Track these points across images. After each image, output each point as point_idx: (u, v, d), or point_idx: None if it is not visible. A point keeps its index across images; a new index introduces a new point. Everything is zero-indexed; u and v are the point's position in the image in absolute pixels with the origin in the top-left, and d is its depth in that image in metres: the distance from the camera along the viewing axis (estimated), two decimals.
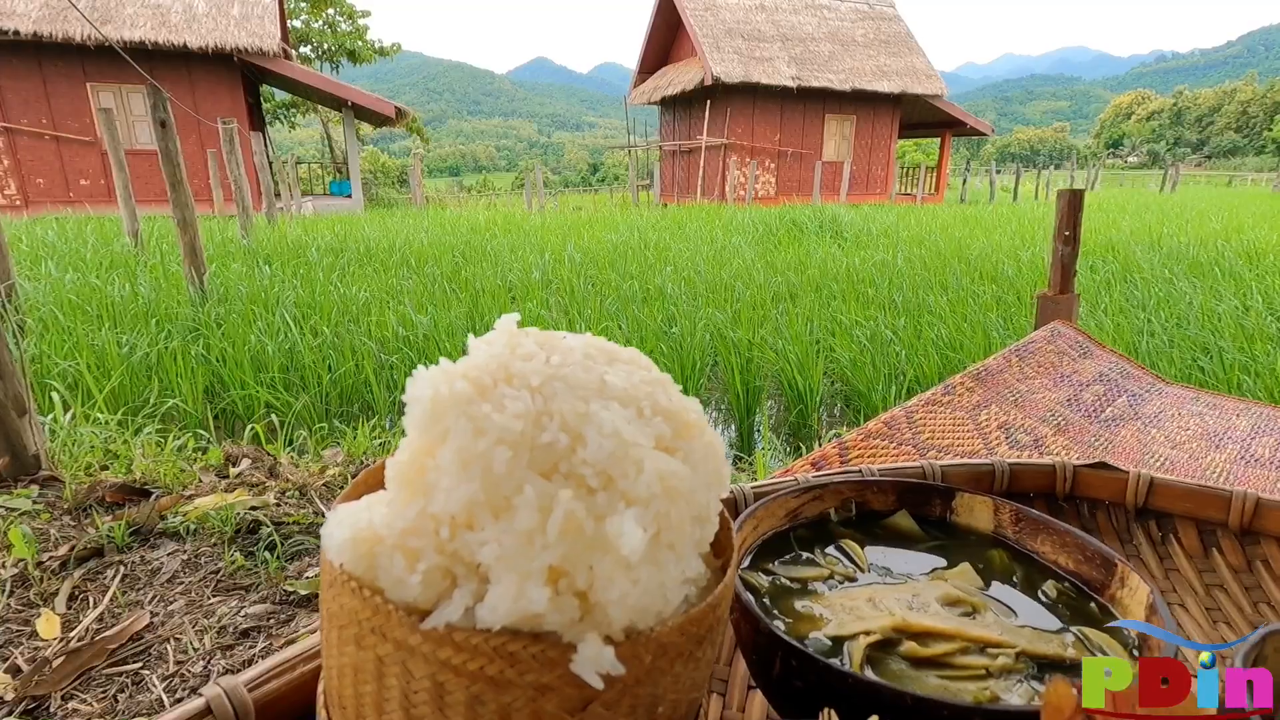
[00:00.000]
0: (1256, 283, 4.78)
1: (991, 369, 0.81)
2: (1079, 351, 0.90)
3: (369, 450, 2.08)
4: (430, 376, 0.27)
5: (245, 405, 2.98)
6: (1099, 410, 0.78)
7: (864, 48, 18.69)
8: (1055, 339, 0.90)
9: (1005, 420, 0.71)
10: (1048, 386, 0.81)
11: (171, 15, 12.96)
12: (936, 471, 0.46)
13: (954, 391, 0.74)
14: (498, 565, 0.22)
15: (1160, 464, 0.68)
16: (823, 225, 8.40)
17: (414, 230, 8.20)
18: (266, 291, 4.27)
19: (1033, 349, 0.88)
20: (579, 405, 0.23)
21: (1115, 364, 0.90)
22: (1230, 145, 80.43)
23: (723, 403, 3.52)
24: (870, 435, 0.63)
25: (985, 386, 0.77)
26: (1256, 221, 9.24)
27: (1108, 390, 0.83)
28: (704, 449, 0.25)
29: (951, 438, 0.66)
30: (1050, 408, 0.76)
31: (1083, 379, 0.84)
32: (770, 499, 0.39)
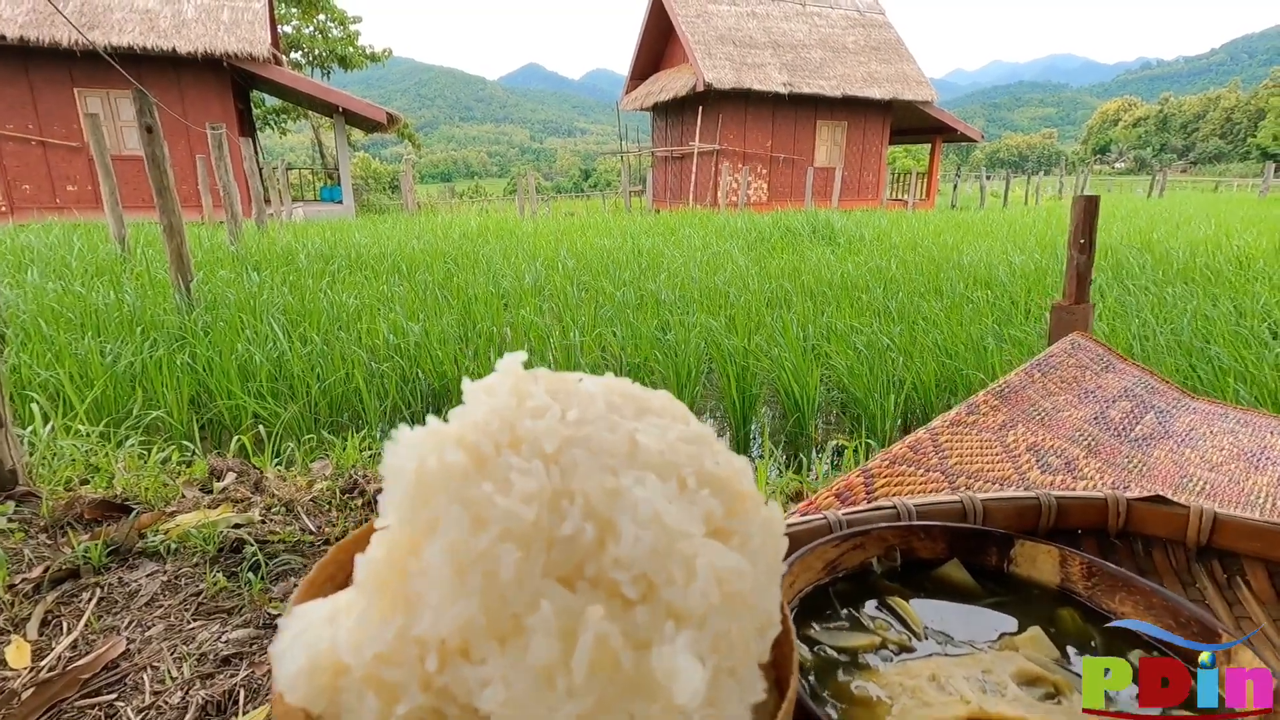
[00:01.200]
0: (1247, 288, 4.79)
1: (1014, 385, 0.77)
2: (1101, 365, 0.86)
3: (358, 463, 2.03)
4: (414, 441, 0.20)
5: (232, 415, 2.91)
6: (1128, 428, 0.75)
7: (855, 54, 18.78)
8: (1075, 352, 0.87)
9: (1034, 441, 0.67)
10: (1073, 403, 0.77)
11: (160, 20, 12.87)
12: (977, 507, 0.42)
13: (978, 411, 0.71)
14: (506, 718, 0.16)
15: (1200, 488, 0.64)
16: (816, 231, 8.39)
17: (405, 236, 8.14)
18: (255, 299, 4.21)
19: (1054, 363, 0.84)
20: (607, 480, 0.17)
21: (1139, 378, 0.87)
22: (1215, 151, 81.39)
23: (718, 410, 3.48)
24: (895, 461, 0.59)
25: (1009, 405, 0.74)
26: (1244, 227, 9.31)
27: (1135, 407, 0.79)
28: (763, 528, 0.20)
29: (981, 462, 0.62)
30: (1078, 426, 0.72)
31: (1108, 395, 0.81)
32: (807, 551, 0.35)
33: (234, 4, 13.64)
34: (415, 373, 3.29)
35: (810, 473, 2.62)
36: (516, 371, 0.20)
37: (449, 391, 3.25)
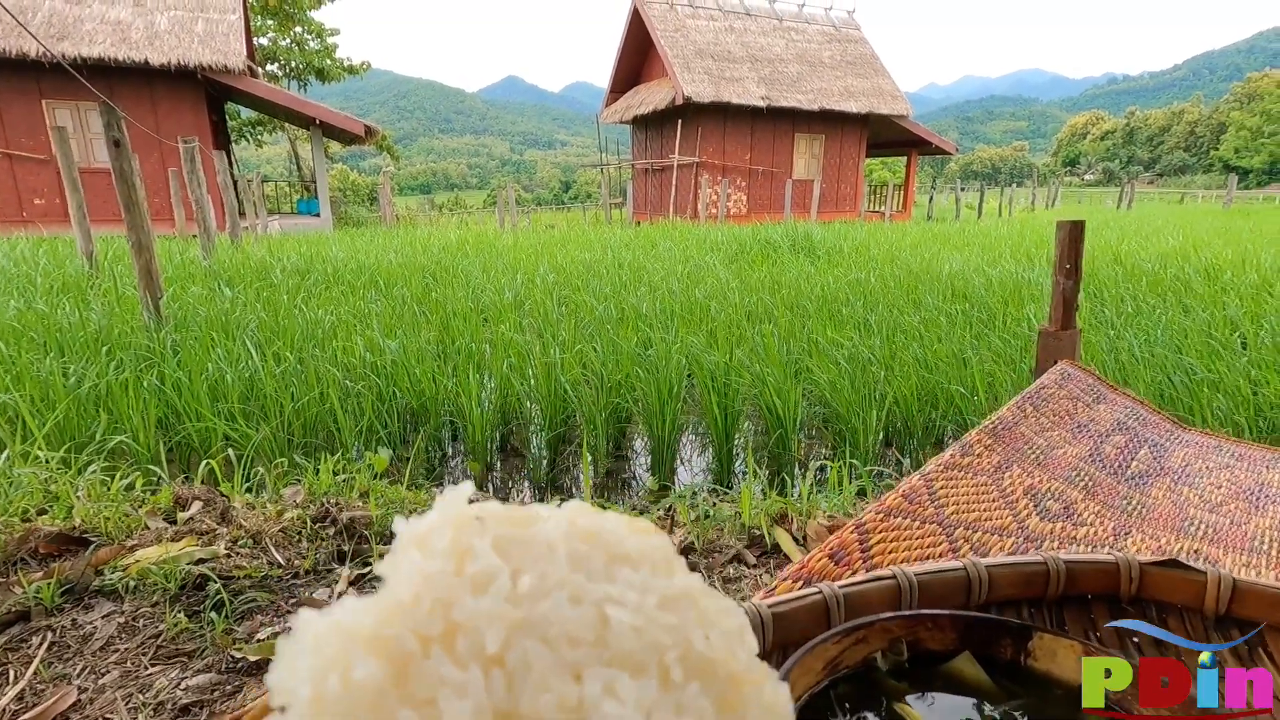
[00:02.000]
0: (1217, 299, 4.89)
1: (1006, 422, 0.75)
2: (1092, 396, 0.85)
3: (330, 488, 1.97)
4: (315, 646, 0.14)
5: (201, 438, 2.83)
6: (1124, 465, 0.73)
7: (831, 69, 19.05)
8: (1066, 383, 0.85)
9: (1031, 484, 0.65)
10: (1067, 439, 0.75)
11: (132, 32, 12.69)
12: (983, 575, 0.39)
13: (971, 452, 0.69)
14: None
15: (1202, 531, 0.62)
16: (795, 243, 8.45)
17: (383, 250, 8.05)
18: (227, 316, 4.11)
19: (1045, 395, 0.82)
20: (567, 689, 0.13)
21: (1131, 409, 0.85)
22: (1180, 163, 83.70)
23: (700, 426, 3.46)
24: (890, 513, 0.56)
25: (1003, 443, 0.71)
26: (1211, 238, 9.53)
27: (1129, 440, 0.78)
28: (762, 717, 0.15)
29: (978, 509, 0.59)
30: (1074, 465, 0.70)
31: (1101, 428, 0.79)
32: (806, 651, 0.31)
33: (209, 16, 13.51)
34: (392, 391, 3.23)
35: (794, 491, 2.60)
36: (458, 518, 0.16)
37: (426, 410, 3.19)
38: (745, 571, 1.49)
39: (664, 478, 3.09)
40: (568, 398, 3.22)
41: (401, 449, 3.27)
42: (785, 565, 1.48)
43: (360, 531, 1.60)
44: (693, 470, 3.29)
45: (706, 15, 18.78)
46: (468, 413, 3.03)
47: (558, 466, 3.21)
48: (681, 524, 1.75)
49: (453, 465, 3.24)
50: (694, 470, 3.29)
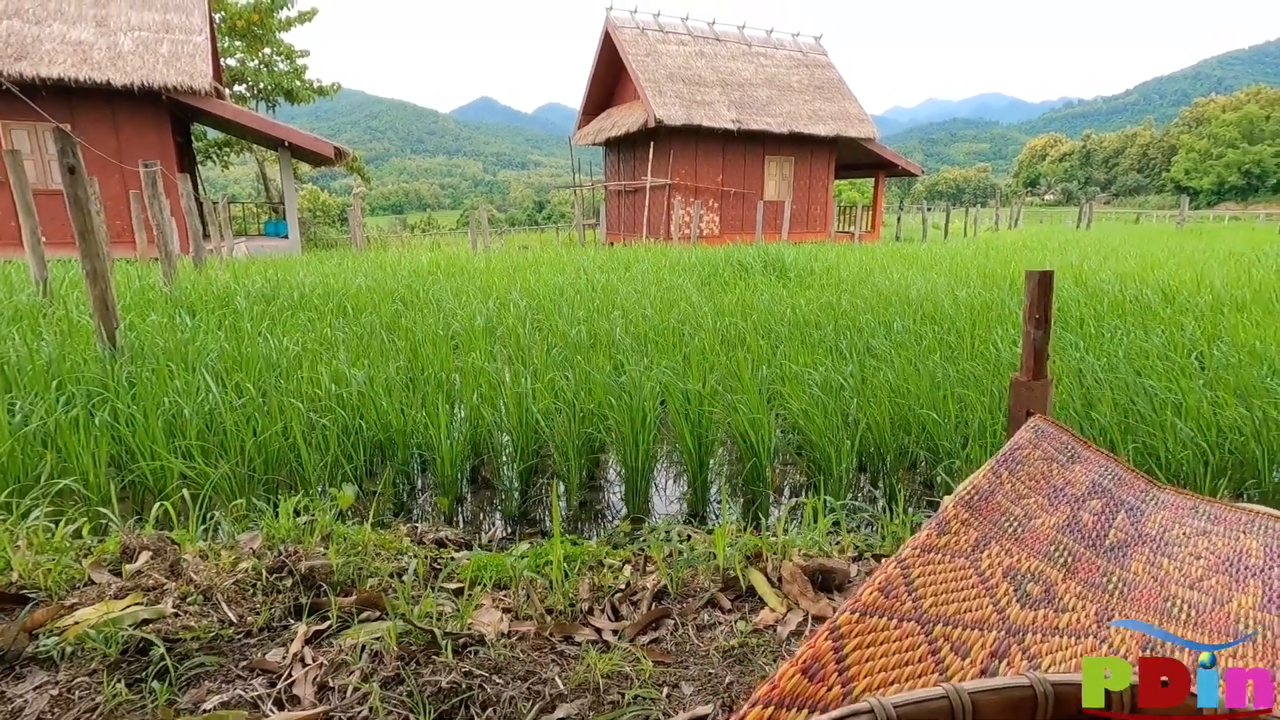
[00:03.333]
0: (1175, 320, 5.02)
1: (982, 490, 0.74)
2: (1067, 455, 0.84)
3: (290, 533, 1.89)
4: None
5: (156, 477, 2.71)
6: (1102, 534, 0.72)
7: (799, 93, 19.44)
8: (1040, 441, 0.84)
9: (1010, 563, 0.63)
10: (1044, 506, 0.74)
11: (94, 53, 12.46)
12: (966, 703, 0.36)
13: (948, 529, 0.67)
14: None
15: (1184, 614, 0.61)
16: (767, 265, 8.52)
17: (352, 274, 7.93)
18: (187, 346, 3.99)
19: (1020, 457, 0.81)
20: None
21: (1105, 468, 0.85)
22: (1135, 184, 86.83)
23: (675, 454, 3.43)
24: (867, 612, 0.53)
25: (980, 516, 0.69)
26: (1167, 258, 9.85)
27: (1106, 505, 0.76)
28: None
29: (958, 601, 0.57)
30: (1052, 538, 0.69)
31: (1078, 491, 0.78)
32: None
33: (174, 37, 13.33)
34: (358, 424, 3.14)
35: (770, 521, 2.58)
36: None
37: (394, 443, 3.11)
38: (720, 618, 1.45)
39: (638, 508, 3.05)
40: (540, 428, 3.16)
41: (369, 482, 3.18)
42: (760, 610, 1.45)
43: (319, 583, 1.54)
44: (667, 499, 3.25)
45: (677, 40, 19.08)
46: (437, 445, 2.96)
47: (530, 498, 3.14)
48: (655, 565, 1.71)
49: (422, 499, 3.16)
50: (669, 498, 3.25)
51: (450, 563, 2.18)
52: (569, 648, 1.34)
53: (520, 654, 1.28)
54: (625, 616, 1.48)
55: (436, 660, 1.23)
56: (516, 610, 1.50)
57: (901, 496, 2.93)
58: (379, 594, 1.49)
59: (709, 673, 1.27)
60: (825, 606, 1.42)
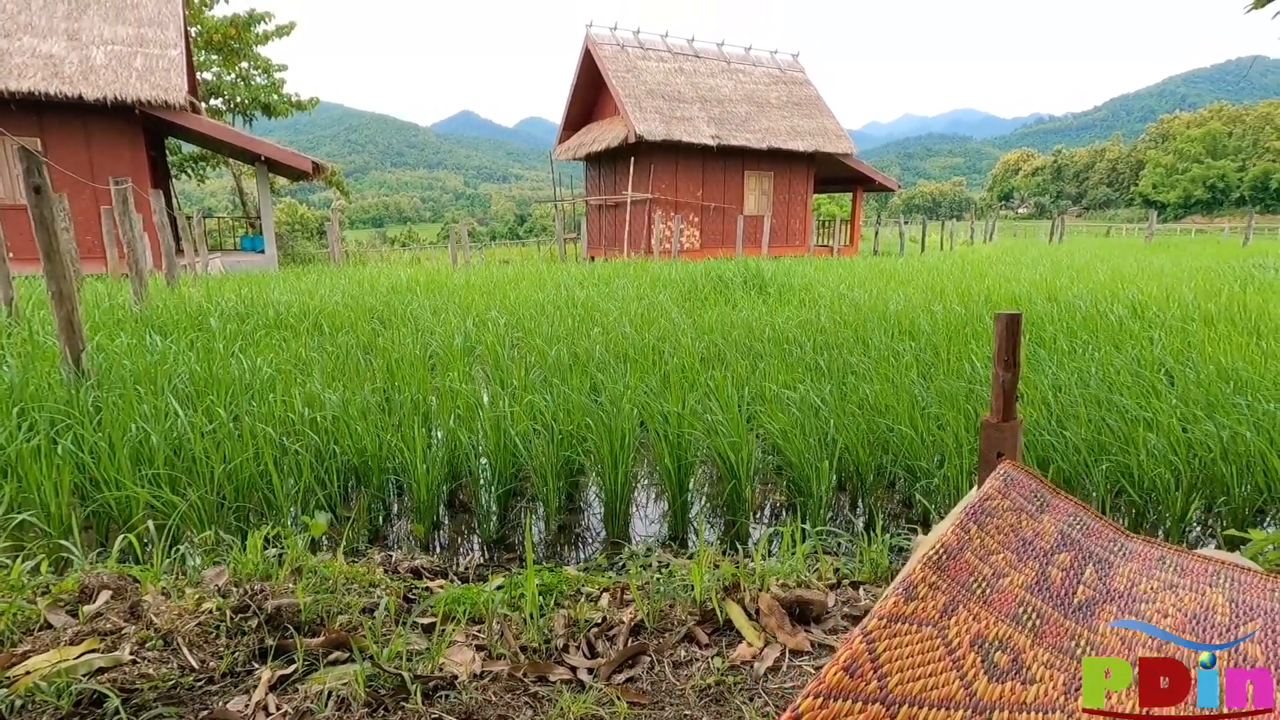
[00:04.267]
0: (1144, 334, 5.12)
1: (951, 549, 0.73)
2: (1036, 504, 0.84)
3: (259, 567, 1.84)
4: None
5: (121, 507, 2.64)
6: (1070, 592, 0.72)
7: (778, 109, 19.69)
8: (1010, 490, 0.84)
9: (978, 630, 0.63)
10: (1012, 563, 0.74)
11: (65, 66, 12.29)
12: None
13: (916, 594, 0.66)
14: None
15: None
16: (747, 281, 8.57)
17: (329, 291, 7.84)
18: (156, 368, 3.90)
19: (989, 509, 0.81)
20: None
21: (1073, 517, 0.85)
22: (1105, 198, 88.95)
23: (654, 476, 3.41)
24: (831, 694, 0.52)
25: (948, 578, 0.69)
26: (1137, 273, 10.06)
27: (1074, 560, 0.76)
28: None
29: (924, 677, 0.56)
30: (1020, 598, 0.69)
31: (1045, 545, 0.78)
32: None
33: (148, 51, 13.19)
34: (332, 449, 3.09)
35: (750, 543, 2.56)
36: None
37: (369, 468, 3.06)
38: (697, 653, 1.44)
39: (618, 531, 3.02)
40: (518, 451, 3.13)
41: (344, 507, 3.12)
42: (738, 645, 1.44)
43: (286, 623, 1.49)
44: (647, 520, 3.23)
45: (657, 57, 19.26)
46: (413, 470, 2.91)
47: (508, 522, 3.11)
48: (632, 597, 1.69)
49: (398, 526, 3.11)
50: (649, 519, 3.23)
51: (425, 594, 2.14)
52: (543, 689, 1.32)
53: (492, 696, 1.25)
54: (601, 653, 1.46)
55: (406, 706, 1.20)
56: (490, 648, 1.47)
57: (879, 520, 2.94)
58: (348, 634, 1.45)
59: (685, 714, 1.25)
60: (803, 640, 1.41)
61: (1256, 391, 3.62)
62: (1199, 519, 3.06)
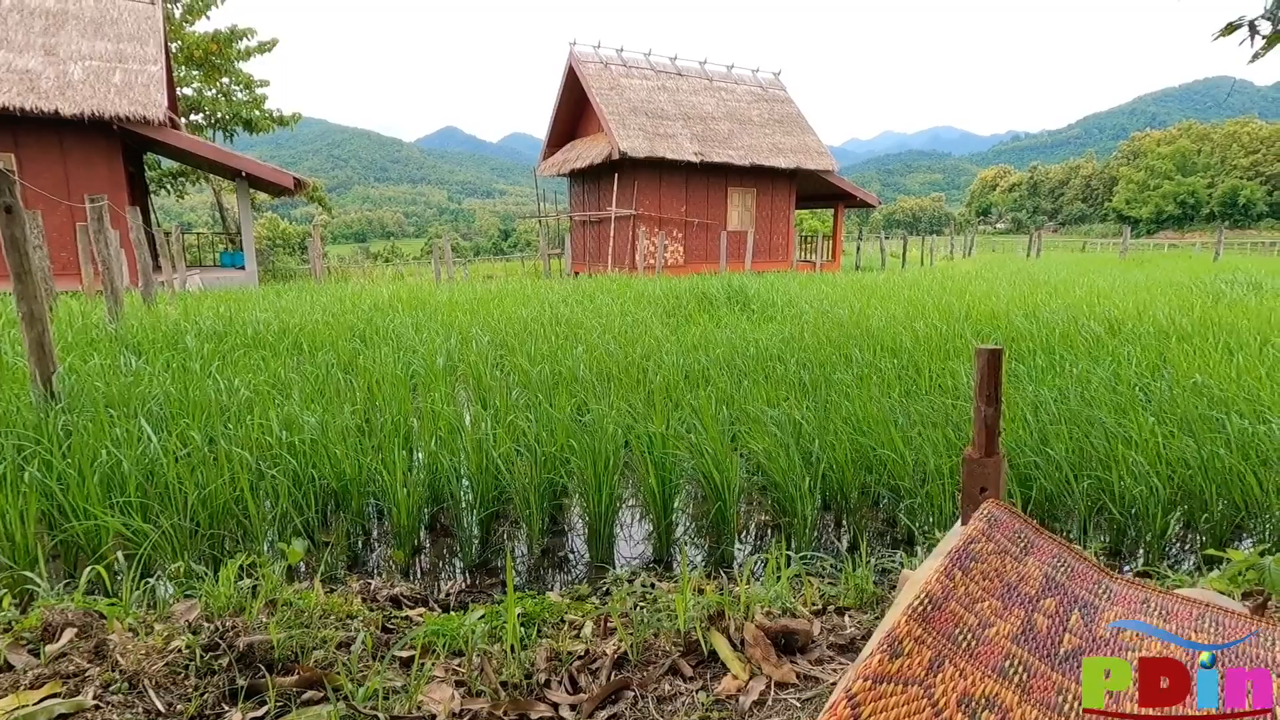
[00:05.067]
0: (1121, 351, 5.19)
1: (936, 598, 0.72)
2: (1020, 546, 0.84)
3: (232, 600, 1.79)
4: None
5: (90, 536, 2.57)
6: (1055, 643, 0.71)
7: (760, 126, 19.91)
8: (993, 532, 0.84)
9: (964, 688, 0.62)
10: (998, 610, 0.73)
11: (42, 81, 12.15)
12: None
13: (901, 650, 0.65)
14: None
15: None
16: (731, 297, 8.61)
17: (310, 308, 7.76)
18: (129, 390, 3.82)
19: (974, 553, 0.80)
20: None
21: (1058, 558, 0.84)
22: (1079, 213, 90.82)
23: (639, 497, 3.38)
24: None
25: (934, 631, 0.68)
26: (1112, 288, 10.24)
27: (1060, 604, 0.76)
28: None
29: None
30: (1006, 650, 0.68)
31: (1030, 590, 0.77)
32: None
33: (127, 66, 13.09)
34: (310, 473, 3.03)
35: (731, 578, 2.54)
36: None
37: (348, 493, 3.01)
38: (681, 687, 1.41)
39: (602, 554, 2.99)
40: (500, 474, 3.10)
41: (322, 532, 3.06)
42: (722, 677, 1.41)
43: (259, 662, 1.45)
44: (632, 541, 3.20)
45: (640, 74, 19.43)
46: (393, 494, 2.87)
47: (490, 546, 3.06)
48: (615, 627, 1.66)
49: (378, 550, 3.05)
50: (634, 541, 3.20)
51: (404, 624, 2.09)
52: None
53: None
54: (584, 688, 1.43)
55: None
56: (470, 684, 1.44)
57: (864, 541, 2.93)
58: (322, 672, 1.41)
59: None
60: (788, 672, 1.39)
61: (1231, 407, 3.68)
62: (1179, 534, 3.08)
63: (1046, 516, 3.11)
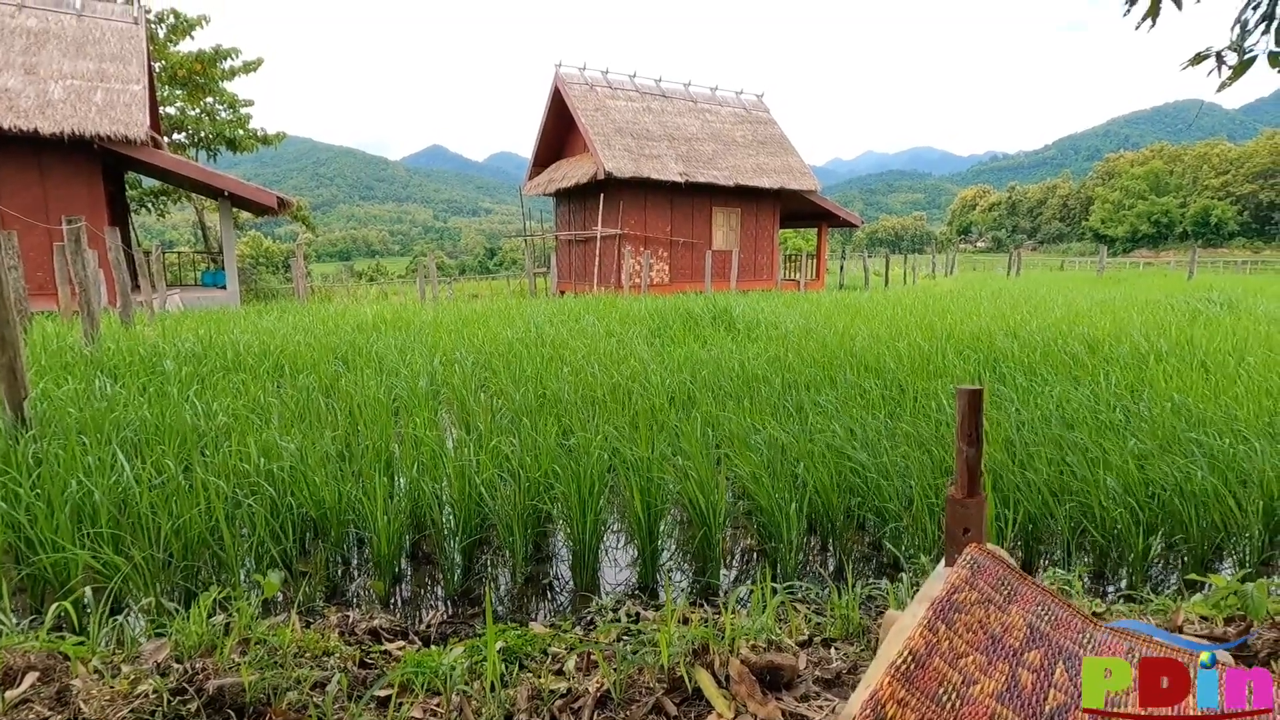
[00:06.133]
0: (1100, 370, 5.26)
1: (919, 655, 0.71)
2: (1004, 594, 0.83)
3: (204, 638, 1.74)
4: None
5: (59, 569, 2.49)
6: (1040, 700, 0.70)
7: (744, 147, 20.15)
8: (977, 580, 0.83)
9: None
10: (982, 666, 0.72)
11: (21, 100, 12.04)
12: None
13: (884, 714, 0.63)
14: None
15: None
16: (716, 318, 8.63)
17: (292, 329, 7.68)
18: (104, 416, 3.75)
19: (957, 604, 0.79)
20: None
21: (1042, 606, 0.84)
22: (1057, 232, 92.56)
23: (623, 521, 3.35)
24: None
25: (917, 692, 0.67)
26: (1090, 308, 10.40)
27: (1044, 658, 0.75)
28: None
29: None
30: (991, 710, 0.67)
31: (1015, 642, 0.76)
32: None
33: (109, 85, 13.01)
34: (288, 501, 2.97)
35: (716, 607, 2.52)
36: None
37: (327, 521, 2.95)
38: None
39: (587, 581, 2.95)
40: (483, 500, 3.06)
41: (301, 560, 3.00)
42: (707, 716, 1.39)
43: (228, 706, 1.41)
44: (617, 566, 3.16)
45: (625, 96, 19.63)
46: (373, 522, 2.82)
47: (473, 574, 3.01)
48: (598, 662, 1.64)
49: (358, 580, 2.99)
50: (619, 566, 3.16)
51: (382, 659, 2.04)
52: None
53: None
54: None
55: None
56: None
57: (849, 566, 2.92)
58: (295, 716, 1.37)
59: None
60: (774, 710, 1.37)
61: (1208, 427, 3.72)
62: (1161, 554, 3.10)
63: (1029, 539, 3.12)
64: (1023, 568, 3.10)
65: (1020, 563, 3.12)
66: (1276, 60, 3.15)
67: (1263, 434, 3.63)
